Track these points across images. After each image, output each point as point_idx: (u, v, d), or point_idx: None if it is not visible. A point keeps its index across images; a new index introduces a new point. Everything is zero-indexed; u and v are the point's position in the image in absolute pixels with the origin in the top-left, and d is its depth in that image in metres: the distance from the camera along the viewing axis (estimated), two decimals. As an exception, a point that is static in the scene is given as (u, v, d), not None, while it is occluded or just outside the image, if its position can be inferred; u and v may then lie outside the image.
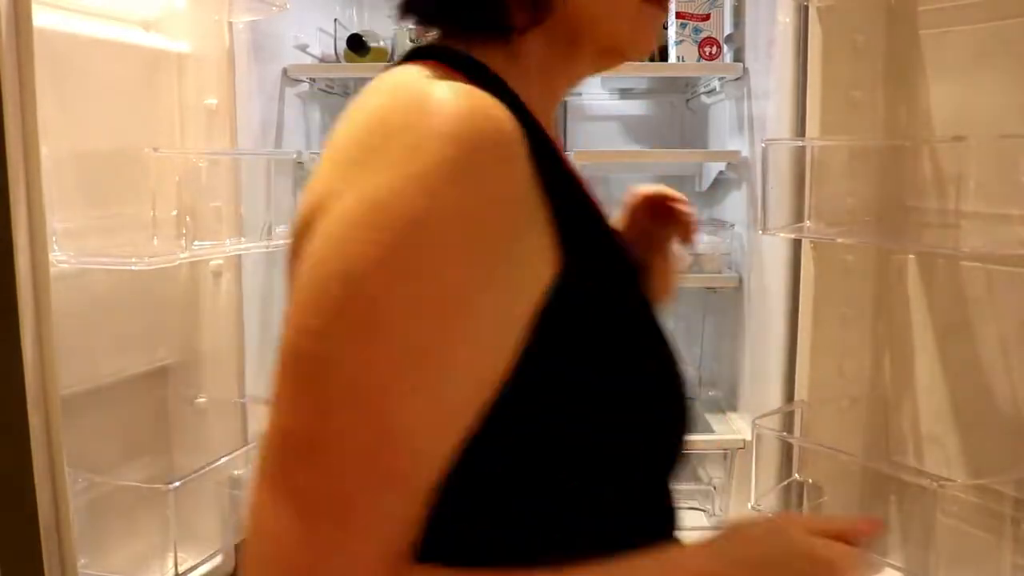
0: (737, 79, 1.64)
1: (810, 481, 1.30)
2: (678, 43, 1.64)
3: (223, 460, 1.26)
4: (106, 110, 1.19)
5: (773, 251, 1.46)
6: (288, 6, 1.36)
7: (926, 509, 1.13)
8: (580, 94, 2.08)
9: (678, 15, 1.64)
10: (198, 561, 1.21)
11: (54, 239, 0.98)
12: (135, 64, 1.25)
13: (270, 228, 1.29)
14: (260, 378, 1.56)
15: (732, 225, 1.71)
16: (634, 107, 2.03)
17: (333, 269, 0.40)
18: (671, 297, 0.83)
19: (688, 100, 1.99)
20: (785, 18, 1.37)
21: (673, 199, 0.81)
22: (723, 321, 1.83)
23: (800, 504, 1.31)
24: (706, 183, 1.88)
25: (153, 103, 1.28)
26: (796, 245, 1.36)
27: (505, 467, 0.46)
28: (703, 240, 1.64)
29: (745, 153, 1.63)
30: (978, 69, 1.14)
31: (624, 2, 0.52)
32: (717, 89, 1.78)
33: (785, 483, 1.32)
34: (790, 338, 1.39)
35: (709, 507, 1.63)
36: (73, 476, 0.97)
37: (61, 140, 1.03)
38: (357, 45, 1.71)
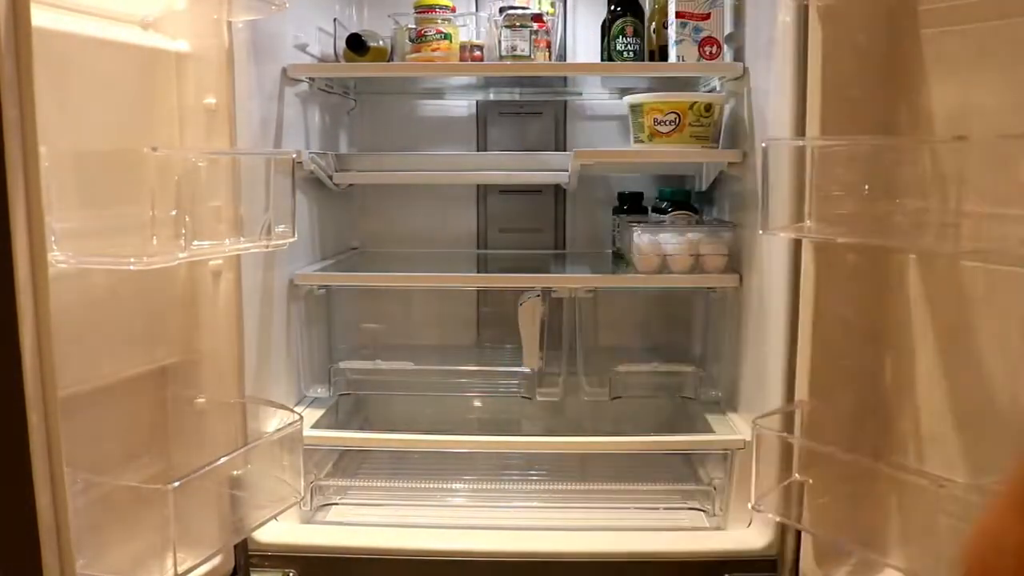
0: (737, 79, 1.64)
1: (810, 481, 1.29)
2: (678, 43, 1.64)
3: (223, 460, 1.26)
4: (105, 110, 1.19)
5: (773, 251, 1.46)
6: (288, 6, 1.36)
7: (926, 509, 1.13)
8: (580, 93, 2.08)
9: (678, 15, 1.64)
10: (198, 561, 1.21)
11: (53, 239, 0.98)
12: (134, 64, 1.25)
13: (270, 228, 1.29)
14: (260, 378, 1.56)
15: (733, 225, 1.71)
16: (634, 107, 2.03)
17: None
18: None
19: (688, 100, 1.99)
20: (785, 18, 1.37)
21: None
22: (723, 321, 1.83)
23: (800, 504, 1.31)
24: (706, 183, 1.87)
25: (152, 103, 1.28)
26: (796, 245, 1.36)
27: None
28: (703, 240, 1.64)
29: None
30: (978, 69, 1.14)
31: None
32: (717, 89, 1.78)
33: (785, 483, 1.32)
34: (790, 338, 1.38)
35: (709, 507, 1.63)
36: (72, 476, 0.97)
37: (60, 140, 1.02)
38: (356, 45, 1.71)
